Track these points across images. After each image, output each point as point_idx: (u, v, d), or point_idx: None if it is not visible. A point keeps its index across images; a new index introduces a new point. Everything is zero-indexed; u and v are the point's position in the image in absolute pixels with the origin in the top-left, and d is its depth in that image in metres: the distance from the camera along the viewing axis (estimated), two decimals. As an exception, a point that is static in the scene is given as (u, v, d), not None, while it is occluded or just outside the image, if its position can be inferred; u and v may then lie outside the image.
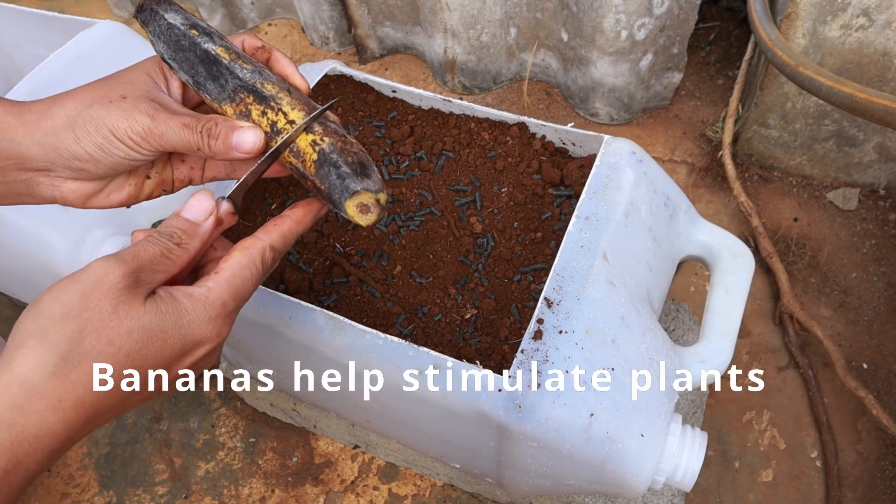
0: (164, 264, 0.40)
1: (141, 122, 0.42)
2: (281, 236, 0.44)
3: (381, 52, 1.44)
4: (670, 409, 0.56)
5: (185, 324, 0.38)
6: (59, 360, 0.35)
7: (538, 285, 0.60)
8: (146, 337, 0.37)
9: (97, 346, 0.36)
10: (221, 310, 0.40)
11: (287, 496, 0.91)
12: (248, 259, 0.42)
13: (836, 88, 0.74)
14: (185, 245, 0.41)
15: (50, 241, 0.77)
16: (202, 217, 0.42)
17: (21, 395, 0.34)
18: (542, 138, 0.70)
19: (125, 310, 0.37)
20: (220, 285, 0.40)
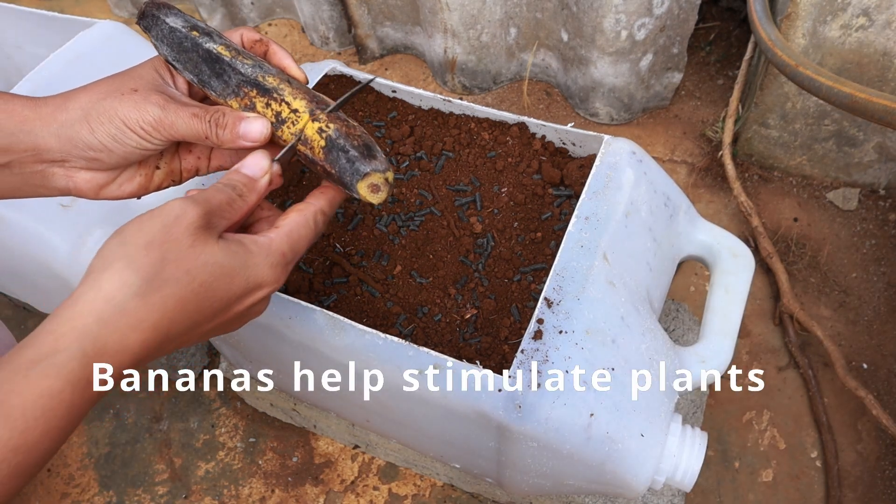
0: (228, 212, 0.43)
1: (152, 112, 0.45)
2: (328, 201, 0.48)
3: (381, 52, 1.44)
4: (670, 409, 0.56)
5: (251, 265, 0.42)
6: (143, 282, 0.38)
7: (538, 285, 0.60)
8: (218, 272, 0.41)
9: (176, 274, 0.39)
10: (281, 259, 0.44)
11: (287, 496, 0.91)
12: (304, 218, 0.46)
13: (836, 88, 0.74)
14: (245, 197, 0.45)
15: (50, 241, 0.77)
16: (259, 174, 0.46)
17: (107, 311, 0.37)
18: (542, 138, 0.70)
19: (201, 245, 0.40)
20: (281, 237, 0.44)
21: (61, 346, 0.36)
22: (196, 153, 0.52)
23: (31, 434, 0.34)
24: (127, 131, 0.45)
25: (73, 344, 0.36)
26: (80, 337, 0.36)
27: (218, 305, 0.41)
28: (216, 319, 0.42)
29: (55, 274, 0.79)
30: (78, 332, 0.36)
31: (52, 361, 0.35)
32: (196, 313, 0.40)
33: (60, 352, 0.36)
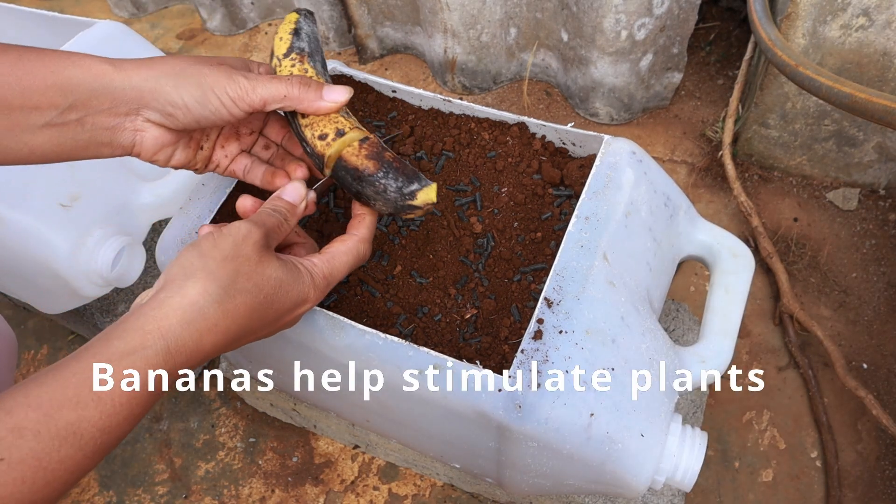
0: (278, 233, 0.49)
1: (238, 82, 0.48)
2: (367, 228, 0.54)
3: (381, 52, 1.44)
4: (670, 409, 0.56)
5: (301, 283, 0.48)
6: (222, 290, 0.43)
7: (538, 285, 0.60)
8: (278, 285, 0.46)
9: (247, 285, 0.45)
10: (322, 281, 0.50)
11: (287, 496, 0.91)
12: (346, 248, 0.52)
13: (836, 88, 0.74)
14: (289, 220, 0.51)
15: (50, 241, 0.77)
16: (298, 200, 0.52)
17: (191, 314, 0.42)
18: (542, 138, 0.70)
19: (266, 262, 0.46)
20: (323, 262, 0.50)
21: (148, 343, 0.41)
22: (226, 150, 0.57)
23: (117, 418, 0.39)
24: (212, 96, 0.48)
25: (159, 342, 0.41)
26: (165, 336, 0.41)
27: (273, 315, 0.47)
28: (270, 327, 0.48)
29: (55, 274, 0.79)
30: (163, 332, 0.41)
31: (140, 355, 0.40)
32: (258, 321, 0.46)
33: (147, 347, 0.40)
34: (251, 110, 0.49)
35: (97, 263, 0.79)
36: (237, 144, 0.57)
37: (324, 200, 0.69)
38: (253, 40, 1.55)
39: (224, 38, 1.57)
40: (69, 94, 0.46)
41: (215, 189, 0.66)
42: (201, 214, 0.64)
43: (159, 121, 0.49)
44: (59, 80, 0.46)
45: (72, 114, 0.47)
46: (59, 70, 0.46)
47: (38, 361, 1.08)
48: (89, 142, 0.49)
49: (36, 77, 0.46)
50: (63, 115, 0.47)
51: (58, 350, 1.09)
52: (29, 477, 0.36)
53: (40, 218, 0.76)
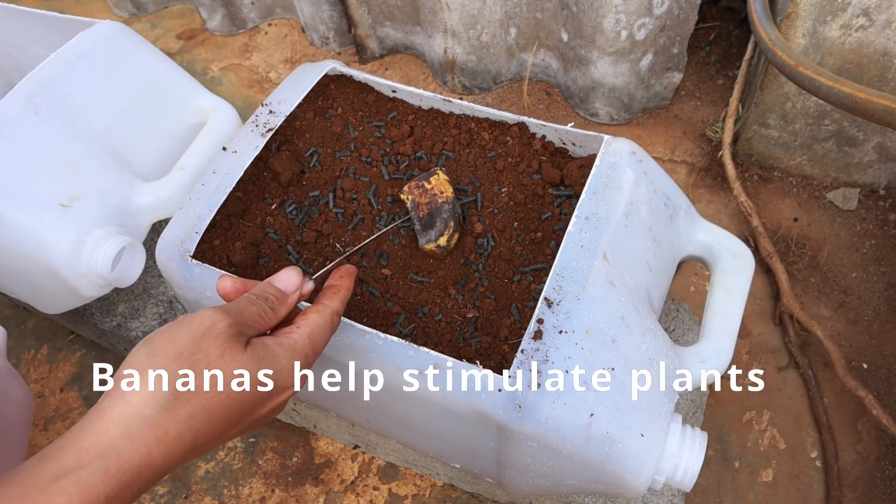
0: (259, 322, 0.44)
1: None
2: (341, 302, 0.50)
3: (381, 52, 1.44)
4: (670, 409, 0.56)
5: (278, 369, 0.43)
6: (172, 396, 0.38)
7: (538, 285, 0.60)
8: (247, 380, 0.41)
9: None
10: (304, 360, 0.45)
11: (287, 496, 0.91)
12: (323, 320, 0.47)
13: (836, 88, 0.74)
14: (276, 309, 0.46)
15: (50, 241, 0.77)
16: (291, 289, 0.48)
17: (134, 425, 0.37)
18: (542, 138, 0.70)
19: (231, 354, 0.40)
20: (304, 339, 0.45)
21: (83, 462, 0.35)
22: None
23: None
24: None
25: (97, 461, 0.35)
26: (104, 453, 0.36)
27: (244, 412, 0.42)
28: (241, 425, 0.43)
29: (55, 274, 0.79)
30: (103, 448, 0.36)
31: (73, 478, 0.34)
32: (223, 422, 0.40)
33: (82, 468, 0.35)
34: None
35: (97, 263, 0.79)
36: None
37: (323, 200, 0.69)
38: (253, 40, 1.55)
39: (224, 38, 1.57)
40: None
41: (215, 189, 0.66)
42: (201, 214, 0.64)
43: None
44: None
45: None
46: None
47: (38, 361, 1.08)
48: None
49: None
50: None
51: (58, 350, 1.09)
52: None
53: (40, 218, 0.76)
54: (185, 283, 0.63)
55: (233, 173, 0.67)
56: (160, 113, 0.90)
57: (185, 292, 0.64)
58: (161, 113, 0.91)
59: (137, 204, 0.85)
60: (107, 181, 0.83)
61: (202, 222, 0.64)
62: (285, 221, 0.67)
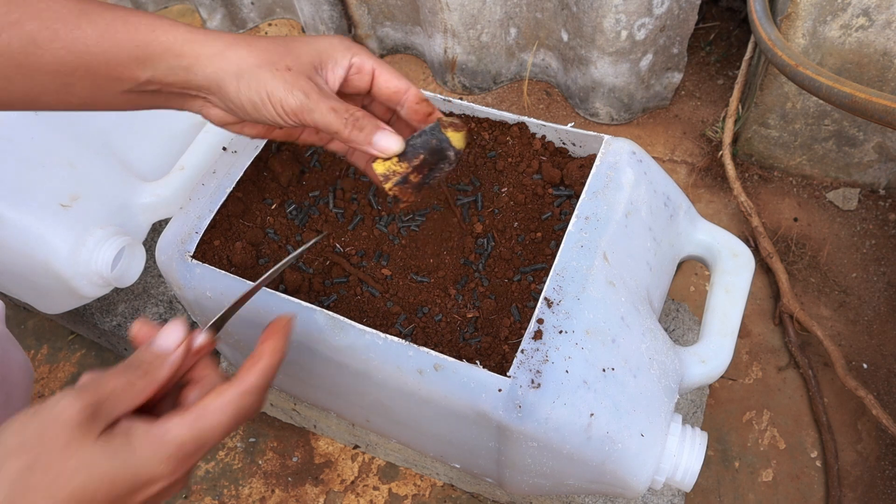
0: (128, 394, 0.40)
1: (296, 97, 0.47)
2: (260, 376, 0.44)
3: (381, 52, 1.44)
4: (670, 409, 0.56)
5: (135, 463, 0.38)
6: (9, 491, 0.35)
7: (538, 285, 0.60)
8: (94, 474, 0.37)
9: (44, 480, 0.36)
10: (176, 451, 0.39)
11: (287, 496, 0.91)
12: (220, 404, 0.41)
13: (836, 88, 0.74)
14: (151, 375, 0.41)
15: (50, 241, 0.77)
16: (171, 347, 0.43)
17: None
18: (542, 138, 0.70)
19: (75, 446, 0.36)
20: (182, 426, 0.40)
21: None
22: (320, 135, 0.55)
23: None
24: (268, 104, 0.47)
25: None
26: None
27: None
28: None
29: (55, 274, 0.79)
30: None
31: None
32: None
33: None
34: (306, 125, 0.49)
35: (97, 263, 0.79)
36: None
37: (323, 200, 0.69)
38: (253, 40, 1.55)
39: (224, 38, 1.57)
40: (149, 68, 0.47)
41: (215, 189, 0.66)
42: (201, 214, 0.64)
43: (222, 107, 0.50)
44: (142, 55, 0.47)
45: (150, 86, 0.48)
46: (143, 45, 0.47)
47: (38, 361, 1.08)
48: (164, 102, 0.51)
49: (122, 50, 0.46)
50: (141, 85, 0.48)
51: (58, 350, 1.09)
52: None
53: (40, 218, 0.76)
54: (185, 283, 0.63)
55: (233, 173, 0.67)
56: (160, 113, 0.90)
57: (185, 292, 0.64)
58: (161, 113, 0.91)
59: (137, 204, 0.86)
60: (107, 181, 0.83)
61: (202, 222, 0.64)
62: (285, 221, 0.67)
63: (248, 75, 0.47)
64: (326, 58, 0.50)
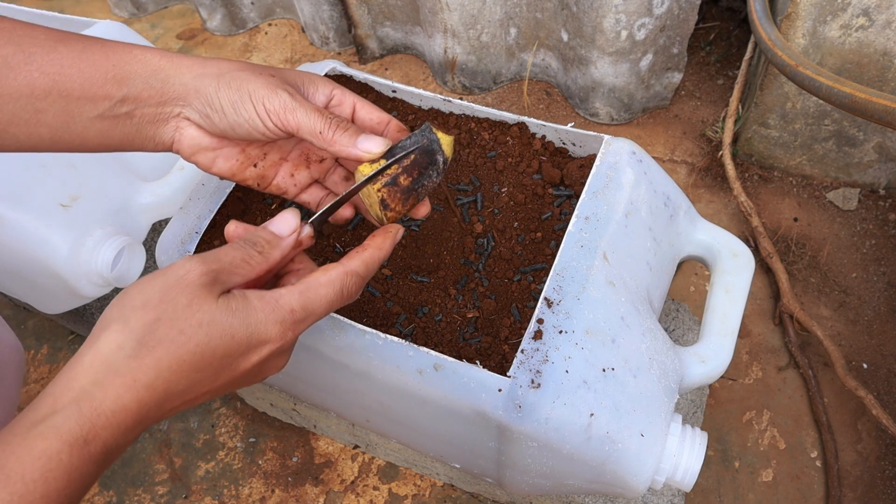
0: (243, 268, 0.43)
1: (280, 97, 0.46)
2: (362, 262, 0.47)
3: (381, 52, 1.44)
4: (670, 409, 0.56)
5: (252, 322, 0.41)
6: (136, 343, 0.38)
7: (538, 285, 0.60)
8: (215, 330, 0.40)
9: (170, 334, 0.39)
10: (289, 315, 0.42)
11: (287, 496, 0.91)
12: (327, 279, 0.44)
13: (836, 88, 0.74)
14: (266, 253, 0.45)
15: (50, 241, 0.77)
16: (286, 232, 0.46)
17: (101, 372, 0.37)
18: (542, 138, 0.70)
19: (198, 304, 0.40)
20: (293, 294, 0.43)
21: (59, 407, 0.36)
22: (295, 179, 0.54)
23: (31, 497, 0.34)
24: (248, 103, 0.46)
25: (70, 405, 0.36)
26: (77, 398, 0.37)
27: (218, 364, 0.41)
28: (221, 378, 0.42)
29: (55, 274, 0.79)
30: (75, 394, 0.37)
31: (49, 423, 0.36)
32: (195, 372, 0.40)
33: (58, 413, 0.36)
34: (285, 131, 0.47)
35: (97, 263, 0.79)
36: (308, 173, 0.54)
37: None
38: (253, 40, 1.55)
39: (224, 38, 1.57)
40: (124, 85, 0.46)
41: (215, 189, 0.66)
42: (201, 214, 0.64)
43: (197, 120, 0.48)
44: (118, 74, 0.46)
45: (123, 106, 0.47)
46: (119, 63, 0.46)
47: (38, 361, 1.08)
48: (135, 135, 0.48)
49: (98, 69, 0.46)
50: (115, 107, 0.47)
51: (58, 350, 1.09)
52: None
53: (40, 218, 0.76)
54: (185, 283, 0.63)
55: (233, 173, 0.67)
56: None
57: (185, 292, 0.64)
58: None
59: (137, 204, 0.86)
60: (107, 181, 0.83)
61: (202, 222, 0.64)
62: (285, 221, 0.67)
63: (229, 75, 0.46)
64: (308, 81, 0.50)
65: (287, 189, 0.54)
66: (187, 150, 0.50)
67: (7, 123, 0.45)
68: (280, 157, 0.53)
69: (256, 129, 0.47)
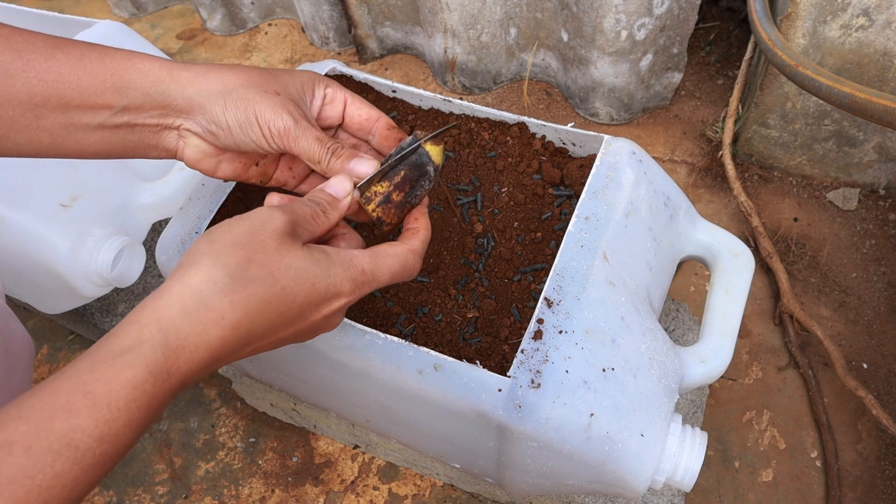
0: (312, 224, 0.45)
1: (284, 120, 0.47)
2: (421, 242, 0.50)
3: (381, 52, 1.44)
4: (670, 409, 0.56)
5: (331, 274, 0.43)
6: (228, 279, 0.39)
7: (538, 285, 0.60)
8: (300, 276, 0.41)
9: (260, 274, 0.40)
10: (360, 275, 0.45)
11: (287, 496, 0.91)
12: (394, 252, 0.47)
13: (836, 88, 0.74)
14: (328, 213, 0.47)
15: (50, 241, 0.77)
16: (342, 195, 0.48)
17: (191, 304, 0.38)
18: (542, 138, 0.70)
19: (287, 249, 0.41)
20: (364, 256, 0.45)
21: (145, 337, 0.37)
22: (294, 171, 0.55)
23: (115, 424, 0.35)
24: (255, 125, 0.47)
25: (157, 335, 0.37)
26: (164, 329, 0.37)
27: (297, 310, 0.42)
28: (294, 326, 0.43)
29: (55, 274, 0.79)
30: (162, 324, 0.37)
31: (136, 352, 0.36)
32: (276, 316, 0.41)
33: (144, 343, 0.37)
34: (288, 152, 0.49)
35: (97, 263, 0.79)
36: (304, 164, 0.55)
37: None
38: (253, 40, 1.55)
39: (224, 38, 1.57)
40: (124, 96, 0.46)
41: (215, 189, 0.66)
42: (201, 214, 0.64)
43: (200, 133, 0.49)
44: (117, 83, 0.46)
45: (124, 116, 0.47)
46: (118, 72, 0.46)
47: (38, 361, 1.08)
48: (137, 143, 0.49)
49: (96, 78, 0.46)
50: (116, 116, 0.47)
51: (58, 350, 1.09)
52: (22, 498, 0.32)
53: (40, 218, 0.76)
54: (185, 283, 0.63)
55: (233, 173, 0.67)
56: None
57: (185, 292, 0.64)
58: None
59: (137, 204, 0.86)
60: (107, 181, 0.83)
61: (202, 222, 0.64)
62: (285, 221, 0.67)
63: (235, 94, 0.47)
64: (306, 88, 0.51)
65: (287, 181, 0.55)
66: (191, 159, 0.50)
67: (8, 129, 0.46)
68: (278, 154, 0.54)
69: (261, 147, 0.48)
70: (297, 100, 0.49)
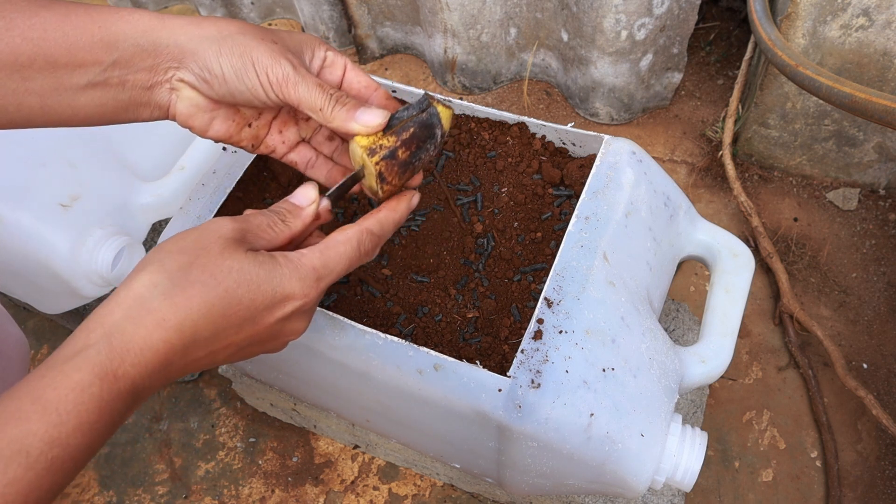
0: (268, 232, 0.45)
1: (284, 67, 0.45)
2: (377, 221, 0.48)
3: (381, 52, 1.44)
4: (670, 409, 0.56)
5: (276, 276, 0.43)
6: (169, 282, 0.40)
7: (538, 285, 0.60)
8: (243, 278, 0.41)
9: (201, 277, 0.40)
10: (311, 273, 0.44)
11: (287, 496, 0.91)
12: (344, 237, 0.46)
13: (836, 88, 0.74)
14: (288, 222, 0.46)
15: (50, 241, 0.77)
16: (306, 203, 0.48)
17: (134, 308, 0.39)
18: (542, 138, 0.70)
19: (229, 253, 0.42)
20: (313, 253, 0.45)
21: (91, 341, 0.37)
22: (284, 136, 0.53)
23: (65, 428, 0.35)
24: (251, 71, 0.45)
25: (101, 339, 0.38)
26: (108, 333, 0.38)
27: (244, 314, 0.42)
28: (245, 330, 0.43)
29: (55, 274, 0.79)
30: (106, 328, 0.38)
31: (83, 355, 0.37)
32: (221, 318, 0.41)
33: (90, 346, 0.37)
34: (284, 103, 0.46)
35: (97, 263, 0.79)
36: (296, 130, 0.53)
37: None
38: (253, 40, 1.55)
39: (224, 38, 1.57)
40: (114, 49, 0.44)
41: (215, 189, 0.66)
42: (201, 214, 0.64)
43: (194, 83, 0.46)
44: (105, 36, 0.44)
45: (114, 71, 0.45)
46: (106, 25, 0.44)
47: (38, 361, 1.08)
48: (129, 102, 0.47)
49: (84, 32, 0.44)
50: (106, 72, 0.45)
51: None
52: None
53: (40, 218, 0.76)
54: (185, 283, 0.63)
55: (233, 173, 0.67)
56: (160, 113, 0.90)
57: (185, 292, 0.64)
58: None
59: (137, 204, 0.86)
60: (107, 181, 0.83)
61: (202, 222, 0.64)
62: (285, 221, 0.67)
63: (231, 40, 0.45)
64: (306, 47, 0.49)
65: (275, 147, 0.53)
66: (184, 113, 0.48)
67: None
68: (272, 116, 0.52)
69: (257, 97, 0.46)
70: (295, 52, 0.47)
